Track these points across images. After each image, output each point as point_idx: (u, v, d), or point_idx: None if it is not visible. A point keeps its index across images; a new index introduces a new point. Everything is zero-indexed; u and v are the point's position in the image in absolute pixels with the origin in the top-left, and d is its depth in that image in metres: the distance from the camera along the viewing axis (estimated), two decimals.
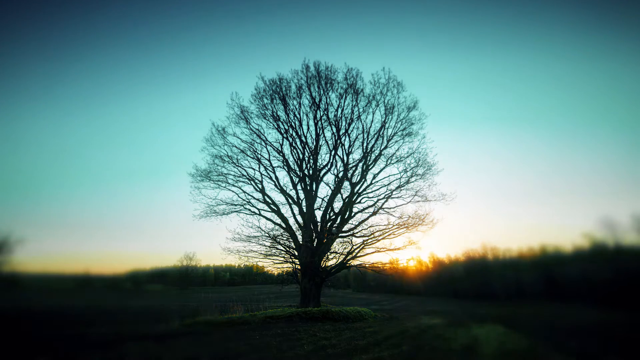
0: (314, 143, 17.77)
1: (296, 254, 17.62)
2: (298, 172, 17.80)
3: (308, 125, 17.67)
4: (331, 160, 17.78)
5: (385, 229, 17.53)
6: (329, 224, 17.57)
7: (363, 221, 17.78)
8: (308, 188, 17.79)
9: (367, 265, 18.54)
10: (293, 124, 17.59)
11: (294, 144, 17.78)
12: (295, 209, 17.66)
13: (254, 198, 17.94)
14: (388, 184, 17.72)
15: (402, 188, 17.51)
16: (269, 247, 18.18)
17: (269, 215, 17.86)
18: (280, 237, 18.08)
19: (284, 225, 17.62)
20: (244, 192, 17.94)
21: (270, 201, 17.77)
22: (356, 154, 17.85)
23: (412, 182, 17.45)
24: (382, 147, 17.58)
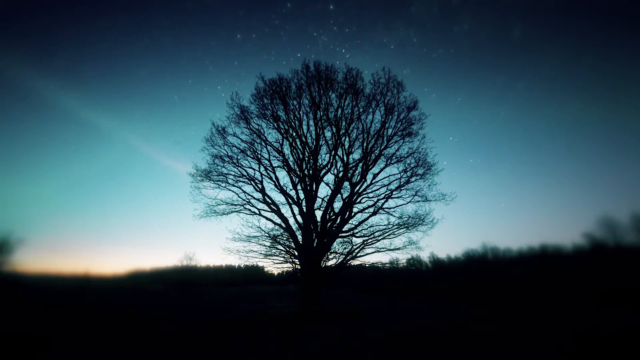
0: (314, 143, 17.75)
1: (296, 254, 17.60)
2: (298, 172, 17.77)
3: (308, 125, 17.64)
4: (331, 161, 17.76)
5: (385, 229, 17.51)
6: (329, 224, 17.54)
7: (363, 221, 17.75)
8: (308, 188, 17.76)
9: (367, 265, 18.52)
10: (293, 124, 17.57)
11: (294, 144, 17.75)
12: (295, 209, 17.64)
13: (254, 198, 17.91)
14: (388, 184, 17.69)
15: (402, 188, 17.49)
16: (269, 247, 18.18)
17: (269, 215, 17.84)
18: (280, 237, 18.06)
19: (284, 225, 17.58)
20: (244, 192, 17.90)
21: (270, 201, 17.74)
22: (356, 154, 17.82)
23: (412, 182, 17.41)
24: (382, 147, 17.54)
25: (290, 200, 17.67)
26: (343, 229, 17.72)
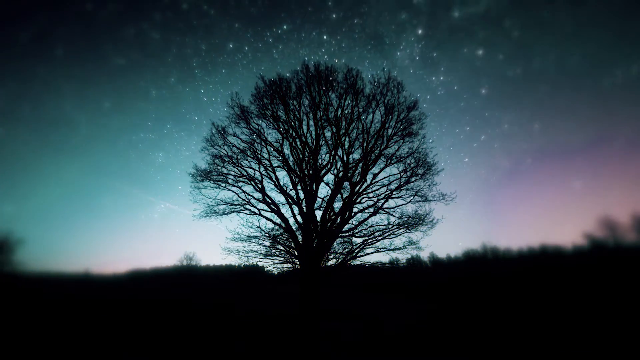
0: (314, 143, 17.75)
1: (296, 254, 17.61)
2: (298, 172, 17.77)
3: (308, 125, 17.64)
4: (331, 161, 17.75)
5: (385, 229, 17.50)
6: (329, 224, 17.55)
7: (363, 221, 17.74)
8: (308, 188, 17.76)
9: (367, 265, 18.52)
10: (293, 124, 17.57)
11: (294, 144, 17.75)
12: (295, 209, 17.63)
13: (254, 198, 17.91)
14: (388, 184, 17.69)
15: (402, 188, 17.48)
16: (269, 247, 18.19)
17: (269, 215, 17.82)
18: (280, 237, 18.07)
19: (284, 225, 17.58)
20: (244, 192, 17.90)
21: (270, 201, 17.74)
22: (356, 154, 17.83)
23: (412, 182, 17.41)
24: (382, 147, 17.53)
25: (290, 200, 17.68)
26: (343, 229, 17.73)
